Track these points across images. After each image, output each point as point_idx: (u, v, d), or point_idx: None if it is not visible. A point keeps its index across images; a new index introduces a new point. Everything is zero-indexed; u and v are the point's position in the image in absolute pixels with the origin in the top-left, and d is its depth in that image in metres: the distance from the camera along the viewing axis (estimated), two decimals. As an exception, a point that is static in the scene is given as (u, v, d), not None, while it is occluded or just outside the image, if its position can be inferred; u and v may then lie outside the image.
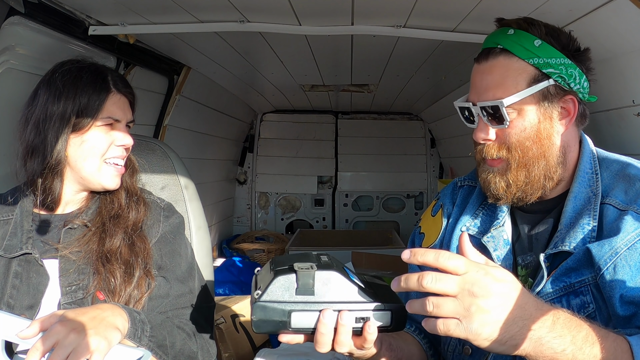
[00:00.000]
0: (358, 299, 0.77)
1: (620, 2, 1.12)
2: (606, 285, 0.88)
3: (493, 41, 1.01)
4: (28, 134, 1.16)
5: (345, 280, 0.76)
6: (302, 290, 0.76)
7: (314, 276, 0.75)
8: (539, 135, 0.98)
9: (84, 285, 1.12)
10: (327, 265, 0.78)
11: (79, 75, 1.17)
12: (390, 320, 0.78)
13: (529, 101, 0.97)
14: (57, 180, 1.17)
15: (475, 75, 1.03)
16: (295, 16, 1.57)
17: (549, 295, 0.94)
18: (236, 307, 2.44)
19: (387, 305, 0.77)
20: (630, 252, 0.87)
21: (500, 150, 1.00)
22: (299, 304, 0.76)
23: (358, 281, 0.80)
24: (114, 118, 1.18)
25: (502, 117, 0.97)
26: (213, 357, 1.22)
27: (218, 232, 3.81)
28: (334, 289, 0.76)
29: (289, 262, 0.79)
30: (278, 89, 3.26)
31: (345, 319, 0.77)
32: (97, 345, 0.88)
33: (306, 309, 0.77)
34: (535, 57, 0.96)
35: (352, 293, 0.77)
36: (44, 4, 1.41)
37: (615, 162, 1.01)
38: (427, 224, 1.21)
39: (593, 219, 0.94)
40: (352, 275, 0.81)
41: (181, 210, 1.44)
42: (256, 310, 0.76)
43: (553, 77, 0.97)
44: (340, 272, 0.78)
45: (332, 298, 0.76)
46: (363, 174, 4.31)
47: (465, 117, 1.06)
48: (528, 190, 1.00)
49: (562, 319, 0.75)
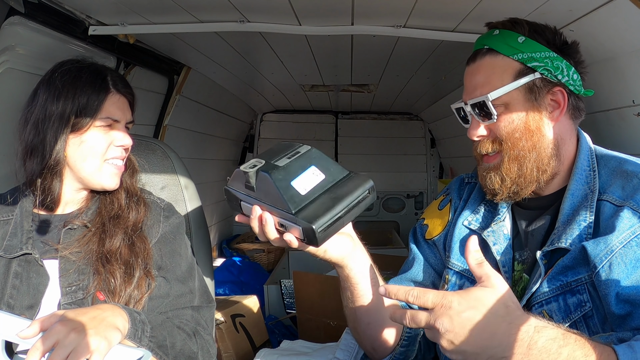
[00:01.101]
0: (282, 206, 0.83)
1: (620, 2, 1.12)
2: (602, 284, 0.88)
3: (480, 43, 1.06)
4: (27, 134, 1.16)
5: (274, 185, 0.83)
6: (247, 185, 0.86)
7: (255, 176, 0.85)
8: (528, 127, 1.00)
9: (84, 286, 1.12)
10: (274, 167, 0.85)
11: (78, 75, 1.17)
12: (303, 235, 0.83)
13: (515, 95, 1.00)
14: (57, 181, 1.17)
15: (465, 77, 1.08)
16: (295, 16, 1.57)
17: (545, 294, 0.94)
18: (236, 307, 2.45)
19: (299, 221, 0.81)
20: (626, 250, 0.87)
21: (494, 145, 1.03)
22: (243, 195, 0.88)
23: (299, 187, 0.85)
24: (112, 118, 1.18)
25: (489, 112, 1.01)
26: (213, 357, 1.22)
27: (218, 232, 3.81)
28: (268, 190, 0.84)
29: (268, 154, 0.89)
30: (278, 89, 3.26)
31: (267, 221, 0.85)
32: (98, 345, 0.88)
33: (246, 201, 0.88)
34: (519, 52, 1.00)
35: (278, 199, 0.83)
36: (44, 4, 1.41)
37: (613, 159, 1.01)
38: (433, 216, 1.22)
39: (590, 215, 0.95)
40: (297, 178, 0.86)
41: (181, 210, 1.44)
42: (225, 194, 0.92)
43: (539, 70, 1.00)
44: (277, 176, 0.84)
45: (263, 198, 0.85)
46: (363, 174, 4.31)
47: (462, 117, 1.10)
48: (522, 183, 1.02)
49: (540, 342, 0.73)
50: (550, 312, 0.94)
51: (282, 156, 0.88)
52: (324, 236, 0.82)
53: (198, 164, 3.15)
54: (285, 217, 0.84)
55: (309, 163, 0.88)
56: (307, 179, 0.86)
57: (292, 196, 0.83)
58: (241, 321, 2.41)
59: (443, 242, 1.16)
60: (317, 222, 0.80)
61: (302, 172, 0.86)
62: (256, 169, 0.85)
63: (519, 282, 1.02)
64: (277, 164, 0.86)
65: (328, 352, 1.48)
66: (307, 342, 1.67)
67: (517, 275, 1.04)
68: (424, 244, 1.20)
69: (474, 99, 1.02)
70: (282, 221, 0.85)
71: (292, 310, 2.64)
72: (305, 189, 0.85)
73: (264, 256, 3.67)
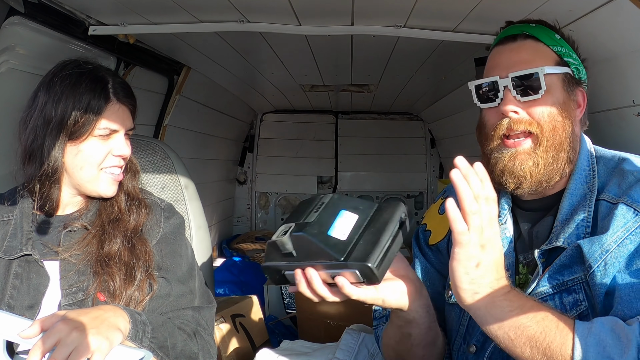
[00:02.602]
0: (328, 258, 0.81)
1: (620, 2, 1.12)
2: (596, 284, 0.88)
3: (518, 29, 1.05)
4: (26, 137, 1.14)
5: (313, 241, 0.81)
6: (284, 253, 0.85)
7: (289, 240, 0.83)
8: (566, 115, 1.00)
9: (84, 287, 1.12)
10: (306, 225, 0.84)
11: (78, 81, 1.14)
12: (361, 277, 0.82)
13: (556, 81, 1.01)
14: (55, 187, 1.16)
15: (500, 54, 1.05)
16: (295, 16, 1.56)
17: (542, 293, 0.94)
18: (236, 307, 2.44)
19: (351, 265, 0.80)
20: (620, 249, 0.87)
21: (531, 125, 0.98)
22: (284, 264, 0.86)
23: (338, 234, 0.84)
24: (111, 128, 1.15)
25: (538, 86, 0.98)
26: (214, 357, 1.22)
27: (218, 232, 3.81)
28: (309, 249, 0.82)
29: (295, 216, 0.88)
30: (278, 89, 3.26)
31: (311, 277, 0.83)
32: (99, 345, 0.88)
33: (289, 269, 0.86)
34: (558, 45, 1.03)
35: (322, 253, 0.81)
36: (44, 4, 1.41)
37: (612, 159, 1.01)
38: (434, 221, 1.21)
39: (587, 214, 0.95)
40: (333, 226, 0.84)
41: (181, 210, 1.44)
42: (265, 272, 0.89)
43: (571, 67, 1.03)
44: (312, 231, 0.82)
45: (306, 259, 0.84)
46: (363, 174, 4.31)
47: (483, 96, 1.05)
48: (553, 171, 0.99)
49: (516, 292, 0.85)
50: None
51: (309, 212, 0.87)
52: (382, 270, 0.81)
53: (198, 164, 3.15)
54: (336, 267, 0.82)
55: (338, 209, 0.87)
56: (342, 225, 0.85)
57: (335, 245, 0.82)
58: (241, 321, 2.41)
59: (447, 247, 1.15)
60: (370, 259, 0.79)
61: (335, 220, 0.85)
62: (289, 234, 0.83)
63: (525, 285, 1.01)
64: (308, 221, 0.85)
65: (328, 352, 1.48)
66: (307, 342, 1.67)
67: (523, 279, 1.03)
68: (428, 250, 1.19)
69: (521, 71, 0.99)
70: (333, 272, 0.82)
71: (292, 310, 2.64)
72: (344, 234, 0.84)
73: (264, 256, 3.67)
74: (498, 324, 0.83)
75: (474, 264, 0.82)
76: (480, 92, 1.04)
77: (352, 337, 1.45)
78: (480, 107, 1.07)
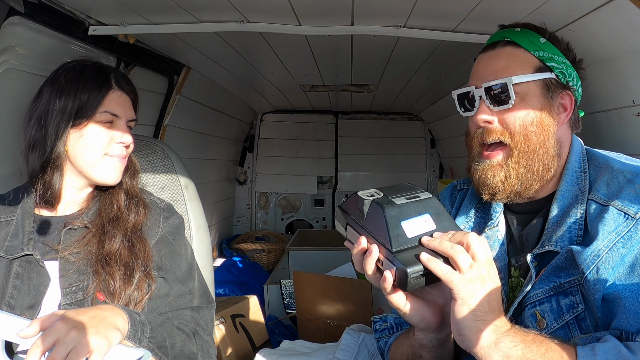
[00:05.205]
0: (384, 241, 0.83)
1: (620, 2, 1.12)
2: (590, 289, 0.87)
3: (500, 35, 1.06)
4: (30, 130, 1.17)
5: (384, 219, 0.82)
6: (358, 209, 0.87)
7: (369, 205, 0.86)
8: (541, 122, 0.99)
9: (84, 286, 1.12)
10: (390, 202, 0.85)
11: (82, 72, 1.19)
12: (395, 276, 0.81)
13: (532, 88, 1.00)
14: (57, 174, 1.17)
15: (479, 63, 1.06)
16: (295, 16, 1.57)
17: (538, 295, 0.94)
18: (236, 307, 2.44)
19: (395, 261, 0.80)
20: (612, 254, 0.87)
21: (503, 135, 1.00)
22: (352, 219, 0.89)
23: (408, 229, 0.84)
24: (111, 113, 1.19)
25: (507, 96, 0.99)
26: (213, 357, 1.22)
27: (218, 232, 3.81)
28: (376, 222, 0.84)
29: (389, 189, 0.90)
30: (278, 89, 3.26)
31: (371, 254, 0.84)
32: (98, 344, 0.88)
33: (353, 226, 0.89)
34: (540, 50, 1.02)
35: (383, 233, 0.82)
36: (44, 4, 1.41)
37: (601, 158, 1.02)
38: None
39: (580, 216, 0.95)
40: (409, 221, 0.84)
41: (181, 210, 1.44)
42: (337, 211, 0.94)
43: (555, 71, 1.01)
44: (390, 212, 0.83)
45: (370, 227, 0.86)
46: (363, 174, 4.31)
47: (464, 104, 1.07)
48: (528, 180, 1.00)
49: (516, 328, 0.83)
50: (542, 312, 0.94)
51: (402, 195, 0.88)
52: (415, 284, 0.80)
53: (198, 164, 3.15)
54: (383, 253, 0.83)
55: (425, 210, 0.87)
56: (417, 224, 0.85)
57: (398, 235, 0.82)
58: (241, 321, 2.41)
59: None
60: (412, 267, 0.79)
61: (415, 217, 0.85)
62: (372, 199, 0.85)
63: (517, 288, 1.01)
64: (394, 201, 0.85)
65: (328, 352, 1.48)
66: (307, 342, 1.67)
67: (515, 282, 1.03)
68: None
69: (492, 81, 1.00)
70: (381, 257, 0.84)
71: (292, 310, 2.64)
72: (412, 232, 0.84)
73: (264, 256, 3.67)
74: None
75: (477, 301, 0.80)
76: (462, 101, 1.07)
77: (352, 337, 1.45)
78: (462, 115, 1.09)
